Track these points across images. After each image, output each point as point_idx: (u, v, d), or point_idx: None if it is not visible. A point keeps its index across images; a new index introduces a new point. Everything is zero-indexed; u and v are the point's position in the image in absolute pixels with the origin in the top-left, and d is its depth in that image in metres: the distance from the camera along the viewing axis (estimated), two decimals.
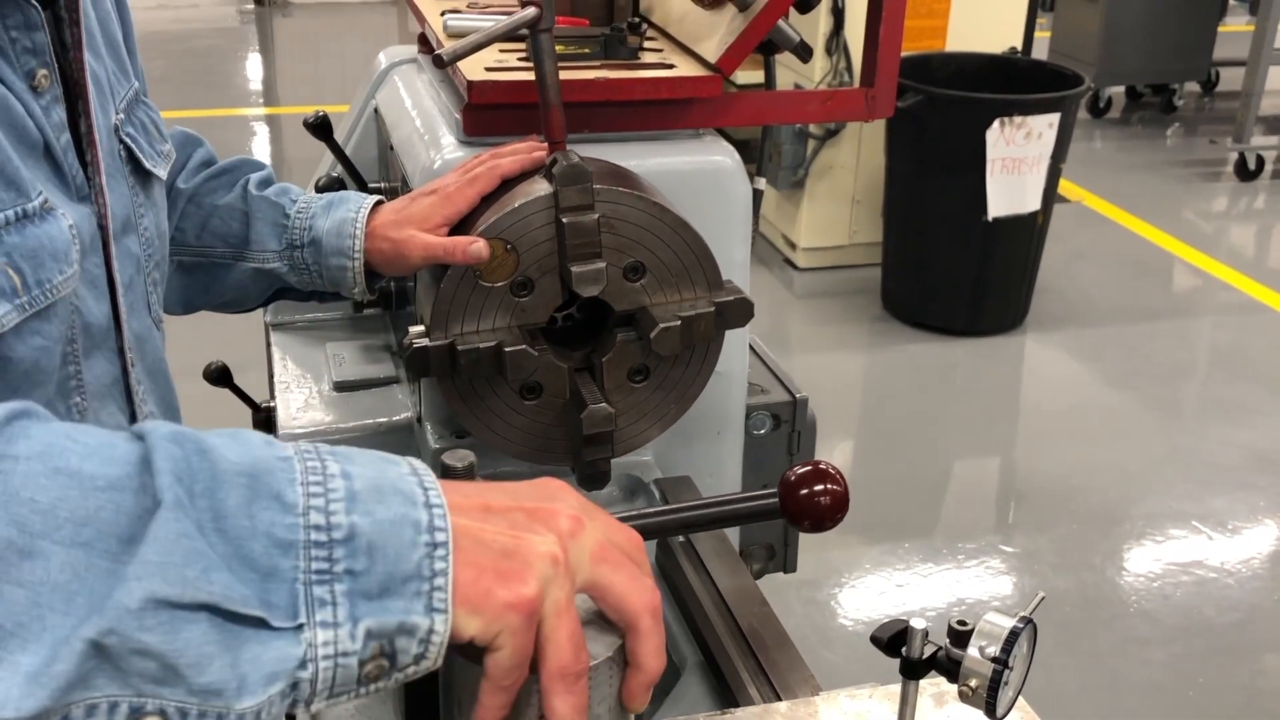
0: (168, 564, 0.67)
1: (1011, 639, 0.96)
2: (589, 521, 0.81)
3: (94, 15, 1.22)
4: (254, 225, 1.57)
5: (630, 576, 0.81)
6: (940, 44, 5.27)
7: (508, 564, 0.75)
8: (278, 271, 1.57)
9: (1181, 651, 3.37)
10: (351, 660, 0.71)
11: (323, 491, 0.72)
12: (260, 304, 1.68)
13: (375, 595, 0.71)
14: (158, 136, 1.33)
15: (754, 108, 1.69)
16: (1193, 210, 6.60)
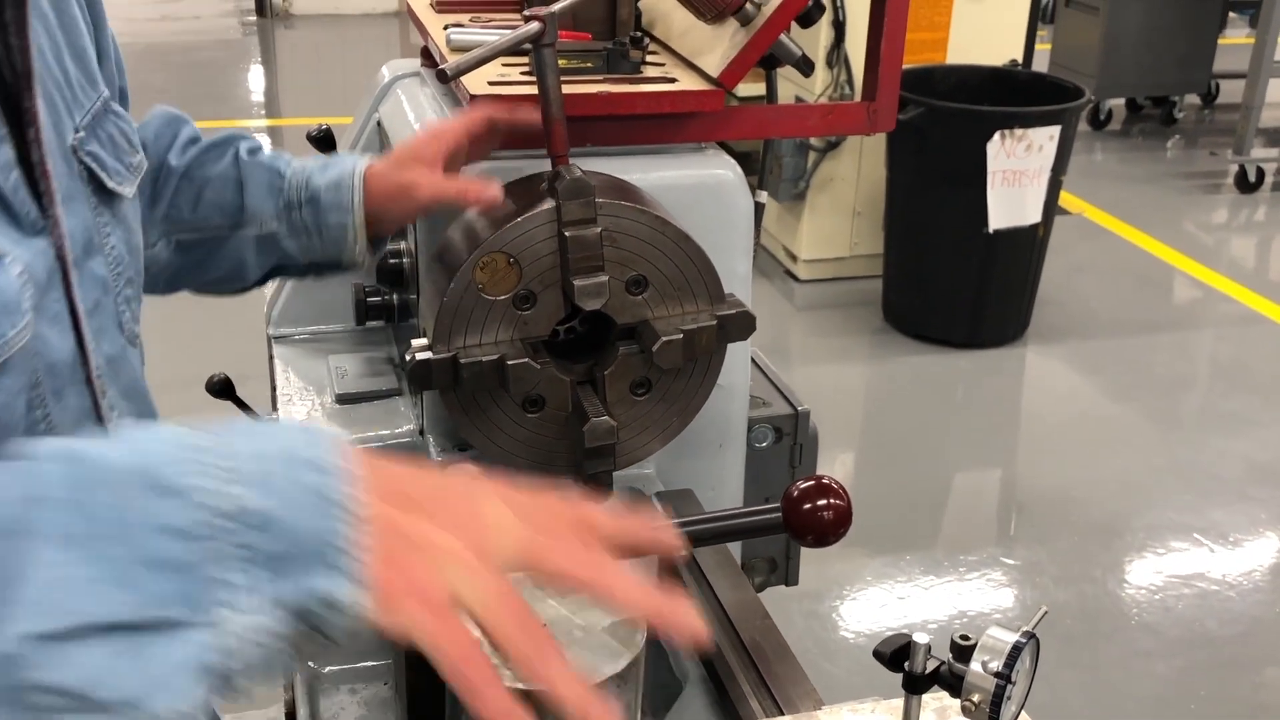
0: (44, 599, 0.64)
1: (1014, 654, 0.96)
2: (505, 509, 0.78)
3: (54, 23, 1.16)
4: (249, 190, 1.53)
5: (559, 552, 0.78)
6: (941, 56, 5.28)
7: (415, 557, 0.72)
8: (276, 236, 1.53)
9: (1183, 664, 3.37)
10: (274, 639, 0.68)
11: (219, 471, 0.68)
12: (258, 280, 1.61)
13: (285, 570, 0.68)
14: (127, 148, 1.27)
15: (755, 121, 1.70)
16: (1193, 222, 6.61)
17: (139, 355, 1.31)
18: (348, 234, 1.51)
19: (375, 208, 1.51)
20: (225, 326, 4.41)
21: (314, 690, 1.68)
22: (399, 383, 1.84)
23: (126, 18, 9.52)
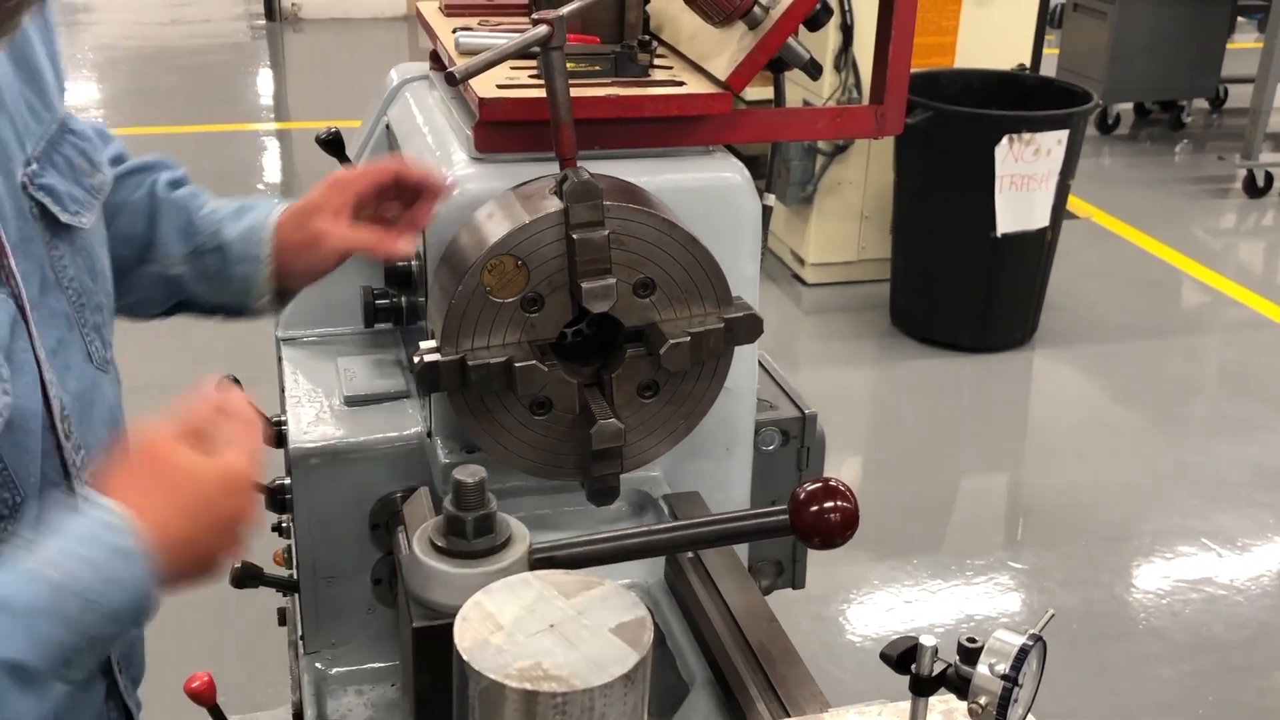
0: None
1: (1021, 656, 0.96)
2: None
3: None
4: (160, 228, 1.49)
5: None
6: (949, 61, 5.28)
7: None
8: (182, 279, 1.49)
9: (1190, 669, 3.36)
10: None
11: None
12: (160, 313, 1.57)
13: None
14: (86, 169, 1.24)
15: (763, 125, 1.70)
16: (1201, 227, 6.60)
17: (114, 379, 1.28)
18: (254, 285, 1.49)
19: (285, 259, 1.49)
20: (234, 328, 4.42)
21: (321, 691, 1.68)
22: (407, 385, 1.84)
23: (135, 21, 9.54)
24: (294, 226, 1.48)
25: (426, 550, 1.00)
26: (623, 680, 0.79)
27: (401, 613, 1.10)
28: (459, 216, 1.50)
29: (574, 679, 0.78)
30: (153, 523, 0.98)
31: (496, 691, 0.78)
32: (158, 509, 0.99)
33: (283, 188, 6.81)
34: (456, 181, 1.45)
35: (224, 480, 1.04)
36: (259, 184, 6.79)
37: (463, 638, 0.81)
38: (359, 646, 1.69)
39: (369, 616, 1.68)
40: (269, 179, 6.96)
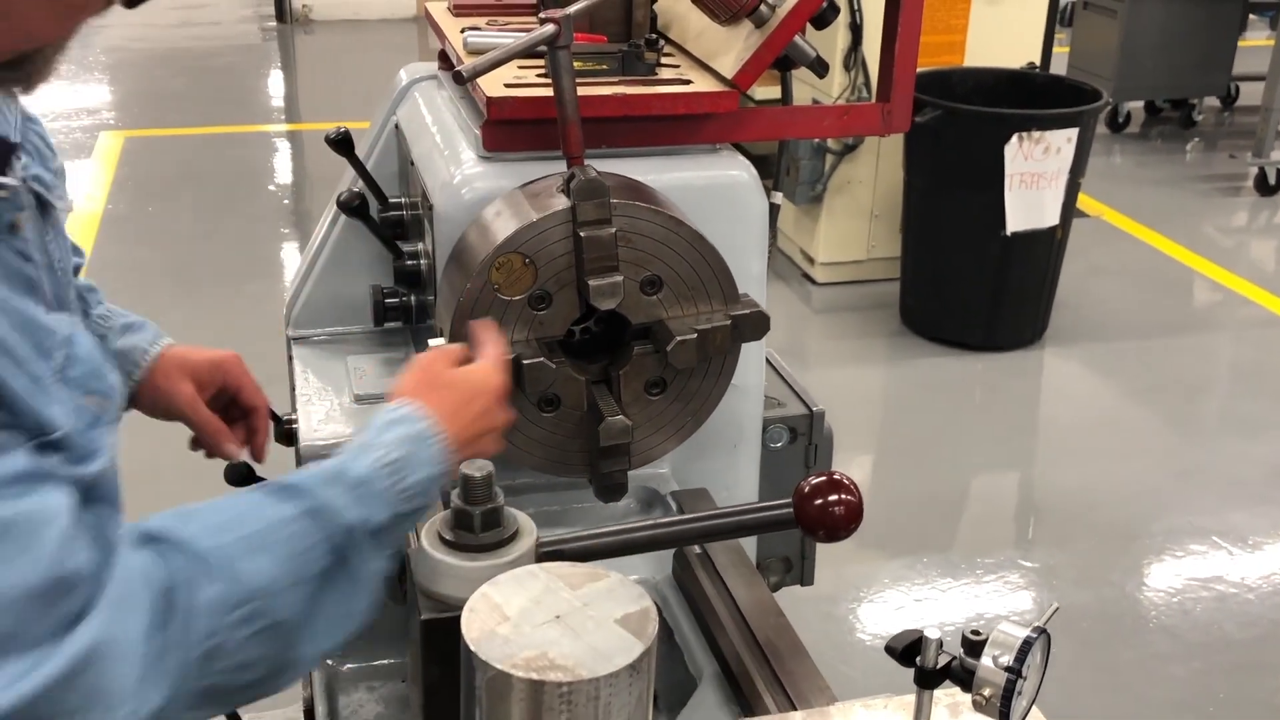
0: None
1: (1025, 648, 0.97)
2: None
3: None
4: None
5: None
6: (958, 59, 5.27)
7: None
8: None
9: (1202, 667, 3.35)
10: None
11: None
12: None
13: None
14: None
15: (770, 123, 1.71)
16: (1213, 225, 6.58)
17: None
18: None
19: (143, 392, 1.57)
20: (244, 328, 4.44)
21: (332, 688, 1.69)
22: None
23: (146, 23, 9.57)
24: (164, 372, 1.58)
25: (434, 544, 1.01)
26: (628, 670, 0.80)
27: (410, 606, 1.11)
28: (467, 215, 1.51)
29: (580, 669, 0.78)
30: (433, 409, 1.24)
31: (503, 681, 0.78)
32: (436, 405, 1.25)
33: (294, 188, 6.83)
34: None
35: (483, 382, 1.32)
36: (270, 185, 6.81)
37: (470, 628, 0.81)
38: (370, 643, 1.70)
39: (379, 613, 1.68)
40: (280, 180, 6.98)
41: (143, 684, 0.99)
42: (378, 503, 1.16)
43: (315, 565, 1.11)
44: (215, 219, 6.12)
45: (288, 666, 1.11)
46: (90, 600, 0.98)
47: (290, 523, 1.11)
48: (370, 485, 1.17)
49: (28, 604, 0.94)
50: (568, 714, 0.79)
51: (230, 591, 1.06)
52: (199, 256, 5.67)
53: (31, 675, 0.93)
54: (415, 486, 1.19)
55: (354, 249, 1.98)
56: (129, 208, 6.04)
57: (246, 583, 1.06)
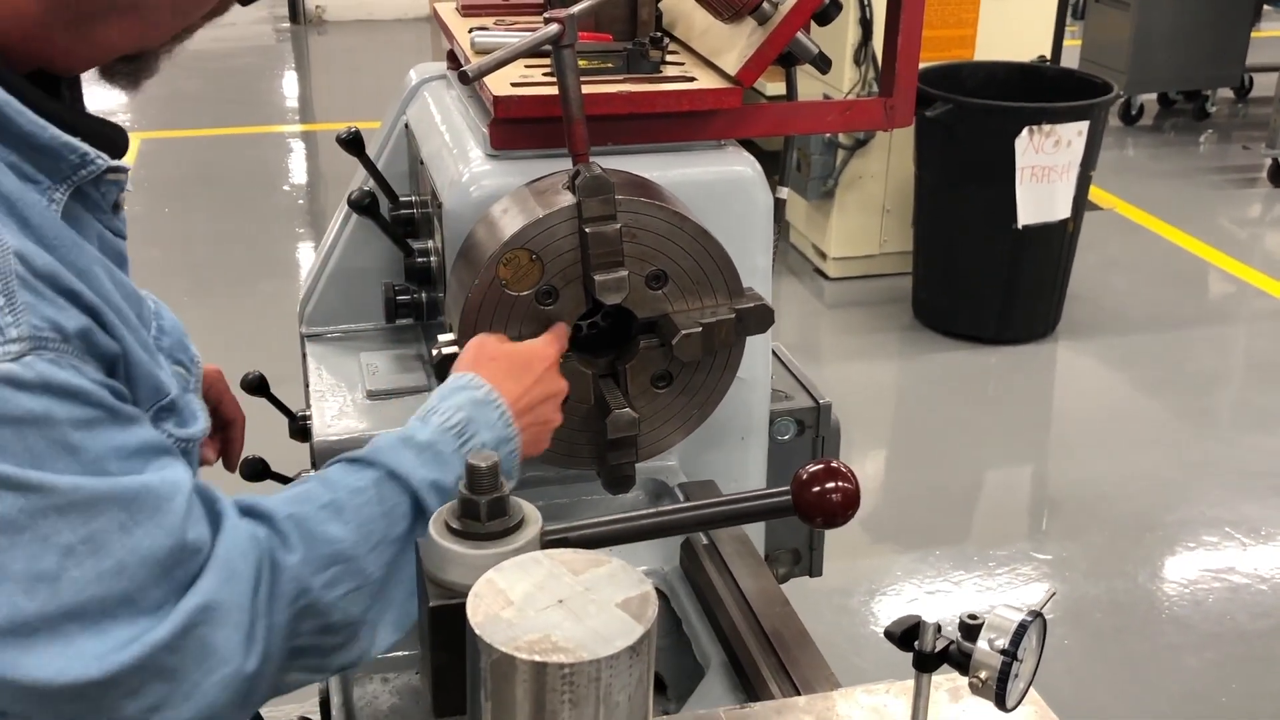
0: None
1: (1020, 632, 0.99)
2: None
3: None
4: None
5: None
6: (969, 53, 5.28)
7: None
8: None
9: (1215, 658, 3.36)
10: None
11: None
12: None
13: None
14: None
15: (774, 118, 1.73)
16: (1226, 217, 6.56)
17: None
18: None
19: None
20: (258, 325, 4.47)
21: (347, 680, 1.71)
22: (429, 379, 1.88)
23: None
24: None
25: (442, 532, 1.03)
26: (628, 652, 0.81)
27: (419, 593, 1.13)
28: (475, 212, 1.54)
29: (581, 651, 0.80)
30: (492, 380, 1.31)
31: (507, 663, 0.80)
32: (492, 372, 1.32)
33: (308, 188, 6.87)
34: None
35: (536, 350, 1.39)
36: (285, 185, 6.85)
37: (475, 613, 0.83)
38: None
39: None
40: (294, 180, 7.02)
41: (244, 646, 1.05)
42: (447, 464, 1.21)
43: (397, 527, 1.16)
44: (231, 219, 6.16)
45: (373, 631, 1.15)
46: (202, 566, 1.04)
47: (366, 489, 1.17)
48: (437, 447, 1.22)
49: (151, 569, 1.00)
50: (570, 695, 0.81)
51: (312, 556, 1.11)
52: (215, 256, 5.72)
53: (142, 640, 0.99)
54: (484, 449, 1.24)
55: (366, 247, 2.00)
56: (146, 209, 6.08)
57: (328, 547, 1.12)
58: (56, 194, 1.03)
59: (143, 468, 1.02)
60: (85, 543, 0.97)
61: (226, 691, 1.04)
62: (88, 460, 0.98)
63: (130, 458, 1.01)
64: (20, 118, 1.00)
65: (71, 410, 0.97)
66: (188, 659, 1.02)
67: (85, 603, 0.97)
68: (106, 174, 1.08)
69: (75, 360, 0.98)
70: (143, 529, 1.00)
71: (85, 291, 1.00)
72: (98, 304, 1.01)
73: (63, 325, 0.97)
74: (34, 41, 1.04)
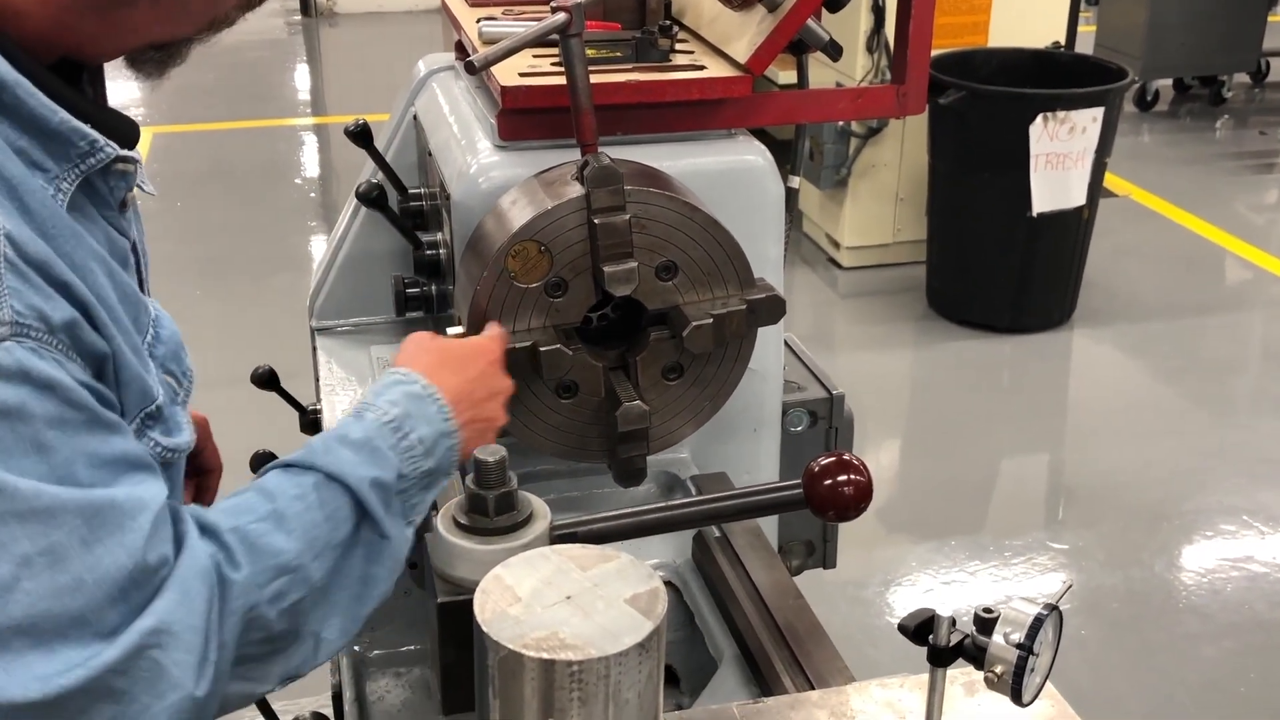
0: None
1: (1036, 625, 0.98)
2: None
3: None
4: None
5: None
6: (982, 40, 5.24)
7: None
8: None
9: (1233, 647, 3.34)
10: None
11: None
12: None
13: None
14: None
15: (784, 107, 1.71)
16: (1243, 203, 6.51)
17: None
18: None
19: None
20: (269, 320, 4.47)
21: (360, 673, 1.71)
22: None
23: None
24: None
25: (450, 528, 1.02)
26: (637, 649, 0.81)
27: (428, 589, 1.12)
28: (484, 204, 1.53)
29: (590, 648, 0.80)
30: (429, 374, 1.26)
31: (515, 661, 0.80)
32: (429, 366, 1.28)
33: (320, 180, 6.87)
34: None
35: (476, 346, 1.36)
36: (297, 178, 6.85)
37: (482, 610, 0.83)
38: (396, 629, 1.73)
39: (405, 600, 1.70)
40: (307, 173, 7.02)
41: (196, 670, 1.01)
42: (383, 460, 1.17)
43: (340, 530, 1.13)
44: (243, 212, 6.17)
45: (319, 639, 1.12)
46: (158, 588, 1.00)
47: (306, 495, 1.13)
48: (374, 443, 1.18)
49: (108, 589, 0.96)
50: (578, 692, 0.80)
51: (258, 569, 1.07)
52: (227, 250, 5.72)
53: (89, 663, 0.95)
54: (420, 445, 1.20)
55: (375, 240, 2.00)
56: (158, 203, 6.09)
57: (274, 559, 1.08)
58: (64, 183, 1.02)
59: (113, 480, 0.98)
60: (43, 554, 0.93)
61: (177, 717, 1.00)
62: (57, 462, 0.94)
63: (102, 467, 0.98)
64: (31, 99, 0.99)
65: (47, 406, 0.94)
66: (138, 682, 0.97)
67: (37, 618, 0.93)
68: (115, 164, 1.07)
69: (58, 354, 0.95)
70: (104, 546, 0.96)
71: (78, 285, 0.98)
72: (89, 300, 0.99)
73: (48, 315, 0.95)
74: (63, 28, 1.03)
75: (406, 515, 1.17)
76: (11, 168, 0.97)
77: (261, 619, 1.07)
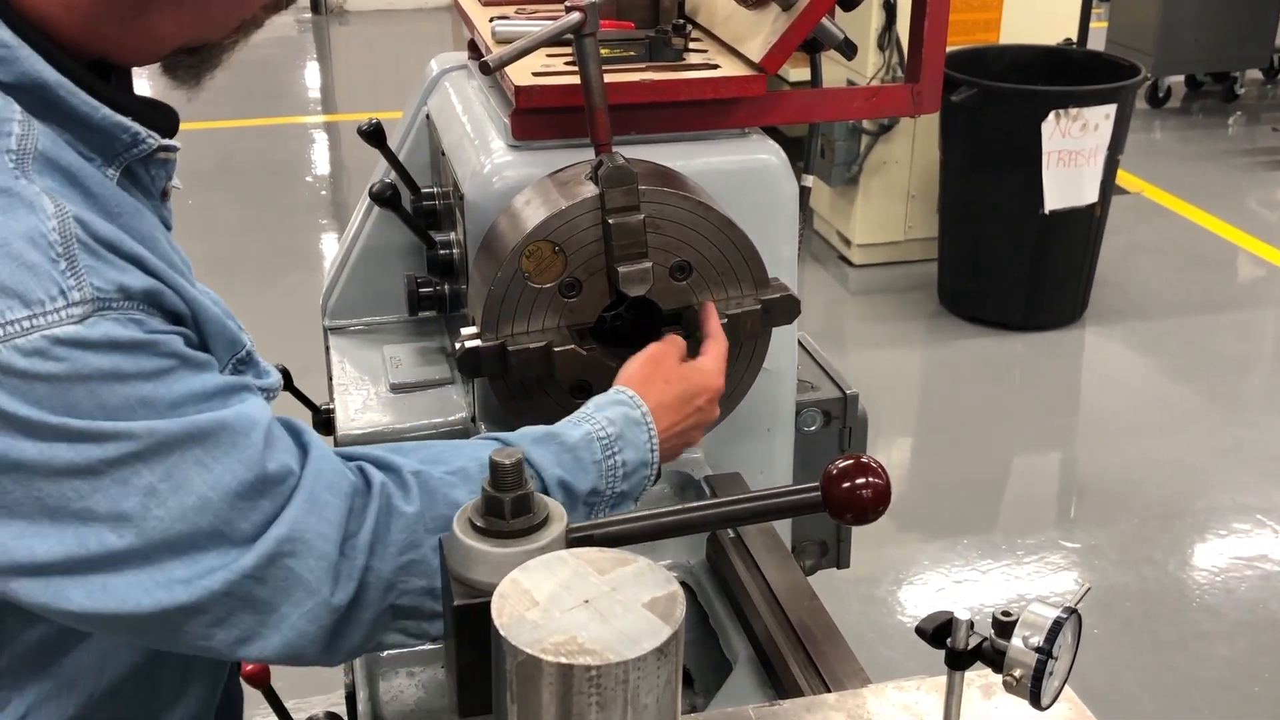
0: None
1: (1055, 629, 0.97)
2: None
3: None
4: None
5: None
6: (994, 36, 5.23)
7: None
8: None
9: (1246, 646, 3.33)
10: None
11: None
12: None
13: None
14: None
15: (799, 105, 1.70)
16: (1256, 200, 6.49)
17: None
18: None
19: None
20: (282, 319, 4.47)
21: (374, 673, 1.71)
22: (451, 372, 1.87)
23: None
24: None
25: (466, 530, 1.01)
26: (655, 654, 0.80)
27: (444, 592, 1.12)
28: (497, 204, 1.52)
29: (608, 652, 0.79)
30: (653, 405, 1.31)
31: (533, 665, 0.79)
32: (657, 398, 1.33)
33: (331, 179, 6.88)
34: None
35: (705, 382, 1.39)
36: (307, 176, 6.86)
37: (500, 614, 0.82)
38: None
39: None
40: (317, 171, 7.03)
41: (331, 578, 1.07)
42: (584, 471, 1.23)
43: None
44: (254, 211, 6.18)
45: None
46: (288, 497, 1.06)
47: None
48: (579, 453, 1.23)
49: (234, 502, 1.02)
50: (597, 697, 0.79)
51: (428, 512, 1.12)
52: (238, 248, 5.73)
53: (228, 567, 1.02)
54: (623, 467, 1.25)
55: (388, 239, 1.99)
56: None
57: (448, 509, 1.11)
58: (109, 172, 1.06)
59: (221, 406, 1.04)
60: (165, 481, 0.99)
61: (314, 624, 1.06)
62: (163, 408, 1.00)
63: (206, 400, 1.03)
64: (74, 98, 1.02)
65: (141, 363, 0.99)
66: (274, 589, 1.04)
67: (173, 539, 1.00)
68: (157, 153, 1.10)
69: (140, 314, 1.00)
70: (222, 464, 1.02)
71: (149, 257, 1.02)
72: (162, 269, 1.03)
73: (128, 286, 0.99)
74: (90, 35, 1.06)
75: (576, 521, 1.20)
76: (68, 157, 1.01)
77: (425, 565, 1.12)
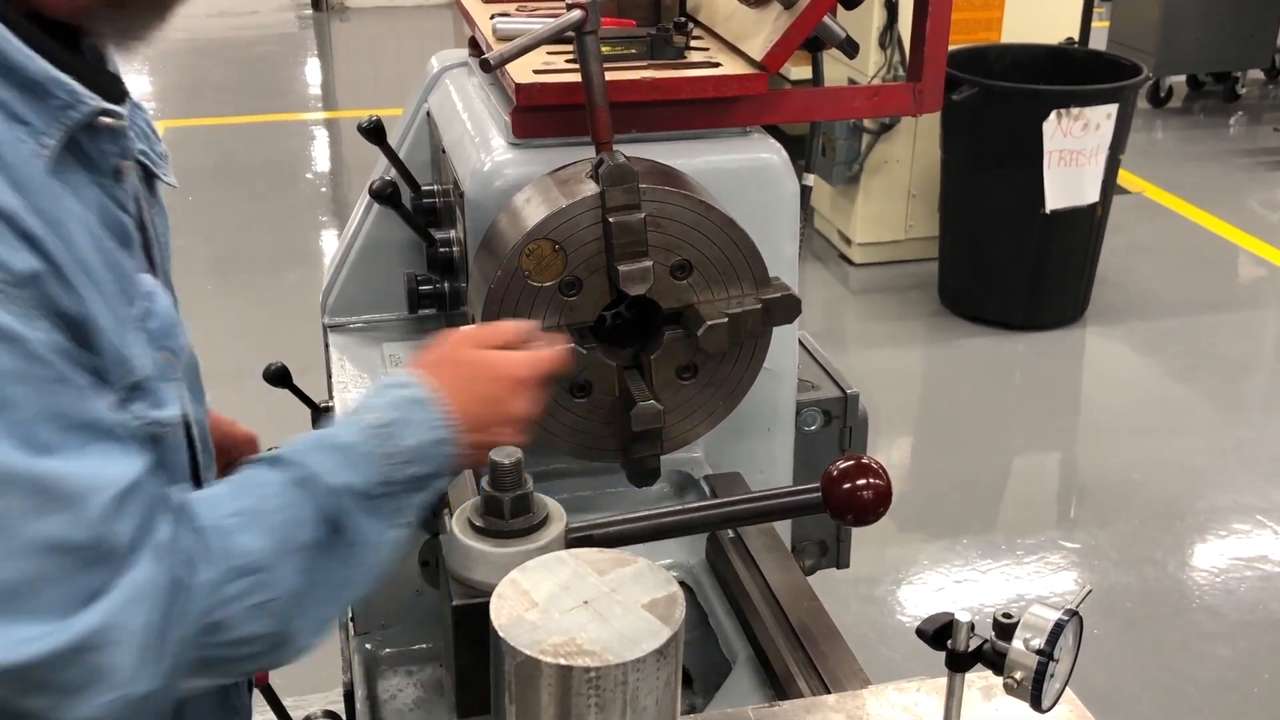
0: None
1: (1056, 631, 0.97)
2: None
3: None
4: None
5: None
6: (996, 36, 5.22)
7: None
8: None
9: (1246, 647, 3.32)
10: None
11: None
12: None
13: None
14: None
15: (800, 104, 1.70)
16: (1257, 200, 6.48)
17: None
18: None
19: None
20: (282, 317, 4.47)
21: (371, 672, 1.71)
22: None
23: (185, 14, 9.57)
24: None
25: (465, 530, 1.01)
26: (655, 655, 0.80)
27: (443, 591, 1.11)
28: (497, 202, 1.52)
29: (607, 654, 0.79)
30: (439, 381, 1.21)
31: (531, 667, 0.79)
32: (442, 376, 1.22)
33: (331, 176, 6.87)
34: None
35: (502, 366, 1.27)
36: (308, 173, 6.85)
37: (498, 614, 0.82)
38: (408, 628, 1.72)
39: (417, 598, 1.70)
40: (318, 168, 7.02)
41: (141, 668, 0.99)
42: (365, 466, 1.14)
43: (307, 534, 1.09)
44: (254, 208, 6.17)
45: (287, 639, 1.10)
46: (113, 579, 0.97)
47: (280, 493, 1.10)
48: (356, 448, 1.15)
49: (58, 563, 0.94)
50: (596, 699, 0.79)
51: (226, 571, 1.05)
52: (238, 245, 5.72)
53: (42, 640, 0.93)
54: (408, 452, 1.16)
55: (388, 237, 1.99)
56: (169, 197, 6.09)
57: (242, 559, 1.06)
58: (47, 139, 1.00)
59: (79, 448, 0.95)
60: None
61: (113, 710, 0.98)
62: (18, 419, 0.91)
63: (69, 430, 0.94)
64: (7, 45, 0.98)
65: (7, 359, 0.91)
66: (80, 674, 0.96)
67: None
68: (101, 118, 1.05)
69: (23, 308, 0.92)
70: (54, 520, 0.93)
71: (48, 239, 0.95)
72: (60, 255, 0.96)
73: (10, 264, 0.92)
74: None
75: (392, 519, 1.15)
76: None
77: (225, 622, 1.05)
